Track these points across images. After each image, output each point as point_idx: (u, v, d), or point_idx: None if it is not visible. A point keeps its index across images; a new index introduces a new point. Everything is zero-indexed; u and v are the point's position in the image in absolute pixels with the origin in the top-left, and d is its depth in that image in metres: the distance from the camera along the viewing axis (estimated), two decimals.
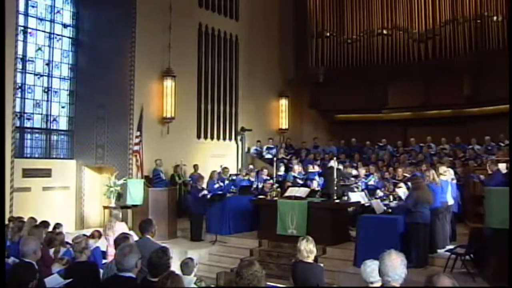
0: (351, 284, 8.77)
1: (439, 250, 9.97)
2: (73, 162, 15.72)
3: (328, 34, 19.93)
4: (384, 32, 19.21)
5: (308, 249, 5.82)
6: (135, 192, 12.69)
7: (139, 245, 5.25)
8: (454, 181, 11.39)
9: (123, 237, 6.05)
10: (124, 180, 13.74)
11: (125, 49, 14.97)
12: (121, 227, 8.16)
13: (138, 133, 14.36)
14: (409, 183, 10.68)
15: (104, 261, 7.55)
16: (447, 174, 10.84)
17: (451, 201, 10.61)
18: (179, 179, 15.35)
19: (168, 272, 4.36)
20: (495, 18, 16.65)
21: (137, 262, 4.45)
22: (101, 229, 9.19)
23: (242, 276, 3.97)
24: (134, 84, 14.86)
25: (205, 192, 12.69)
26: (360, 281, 4.87)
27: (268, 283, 6.14)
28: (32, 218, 9.13)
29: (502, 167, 11.89)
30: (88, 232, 9.27)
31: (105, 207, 14.18)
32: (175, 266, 5.17)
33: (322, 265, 6.17)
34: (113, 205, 13.29)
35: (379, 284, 4.32)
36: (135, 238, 6.72)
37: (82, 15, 16.10)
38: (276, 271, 10.36)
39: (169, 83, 15.63)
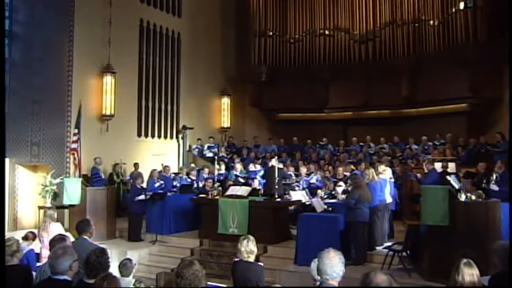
0: (292, 282, 8.82)
1: (377, 247, 10.20)
2: (5, 160, 15.05)
3: (271, 33, 20.07)
4: (326, 32, 19.55)
5: (248, 249, 5.78)
6: (72, 192, 12.28)
7: (75, 247, 5.12)
8: (392, 180, 11.68)
9: (59, 239, 5.83)
10: (61, 179, 13.36)
11: (62, 42, 14.46)
12: (56, 228, 7.88)
13: (76, 131, 13.89)
14: (349, 182, 10.85)
15: (38, 264, 7.25)
16: (385, 173, 11.10)
17: (389, 199, 10.87)
18: (117, 178, 15.04)
19: (104, 274, 4.22)
20: (431, 22, 17.22)
21: (72, 264, 4.29)
22: (35, 231, 8.83)
23: (183, 276, 3.91)
24: (72, 79, 14.39)
25: (142, 197, 12.43)
26: (301, 279, 4.88)
27: (209, 283, 6.06)
28: None
29: (438, 166, 12.37)
30: (21, 233, 8.89)
31: (40, 207, 13.68)
32: (113, 268, 5.03)
33: (262, 264, 6.15)
34: (48, 205, 12.87)
35: None
36: (72, 239, 6.51)
37: (16, 6, 15.40)
38: (217, 271, 10.30)
39: (108, 79, 15.28)
